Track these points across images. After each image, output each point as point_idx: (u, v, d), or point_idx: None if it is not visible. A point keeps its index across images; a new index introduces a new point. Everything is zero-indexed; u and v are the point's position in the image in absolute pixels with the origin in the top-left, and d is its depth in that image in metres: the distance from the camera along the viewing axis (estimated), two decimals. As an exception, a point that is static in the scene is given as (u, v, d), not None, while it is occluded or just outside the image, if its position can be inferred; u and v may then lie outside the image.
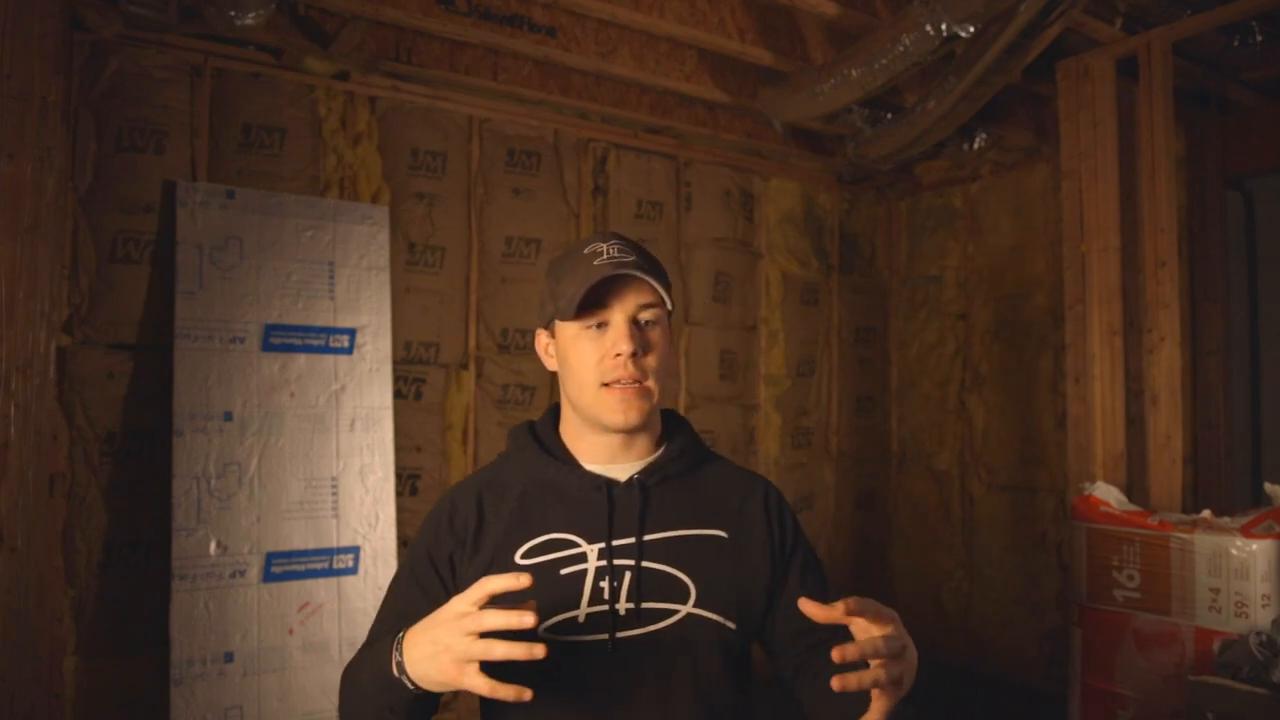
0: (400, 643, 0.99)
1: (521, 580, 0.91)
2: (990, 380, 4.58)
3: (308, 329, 3.16)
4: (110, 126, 2.94)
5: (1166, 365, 3.21)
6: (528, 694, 0.89)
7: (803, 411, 4.71)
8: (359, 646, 1.19)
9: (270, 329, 3.09)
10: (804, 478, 4.69)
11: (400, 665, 0.98)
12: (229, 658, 2.86)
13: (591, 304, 1.12)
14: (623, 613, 1.09)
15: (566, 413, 1.22)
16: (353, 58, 3.24)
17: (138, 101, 2.98)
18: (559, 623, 1.09)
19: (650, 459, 1.21)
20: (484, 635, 0.91)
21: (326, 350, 3.19)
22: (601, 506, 1.14)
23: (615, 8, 2.99)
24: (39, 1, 2.51)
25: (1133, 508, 3.04)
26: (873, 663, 0.92)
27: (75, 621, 2.80)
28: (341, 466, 3.16)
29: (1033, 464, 4.35)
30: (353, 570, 3.12)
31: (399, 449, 3.36)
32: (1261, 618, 2.59)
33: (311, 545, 3.06)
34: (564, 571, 1.11)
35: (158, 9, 2.80)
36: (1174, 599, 2.80)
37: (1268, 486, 2.80)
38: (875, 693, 0.93)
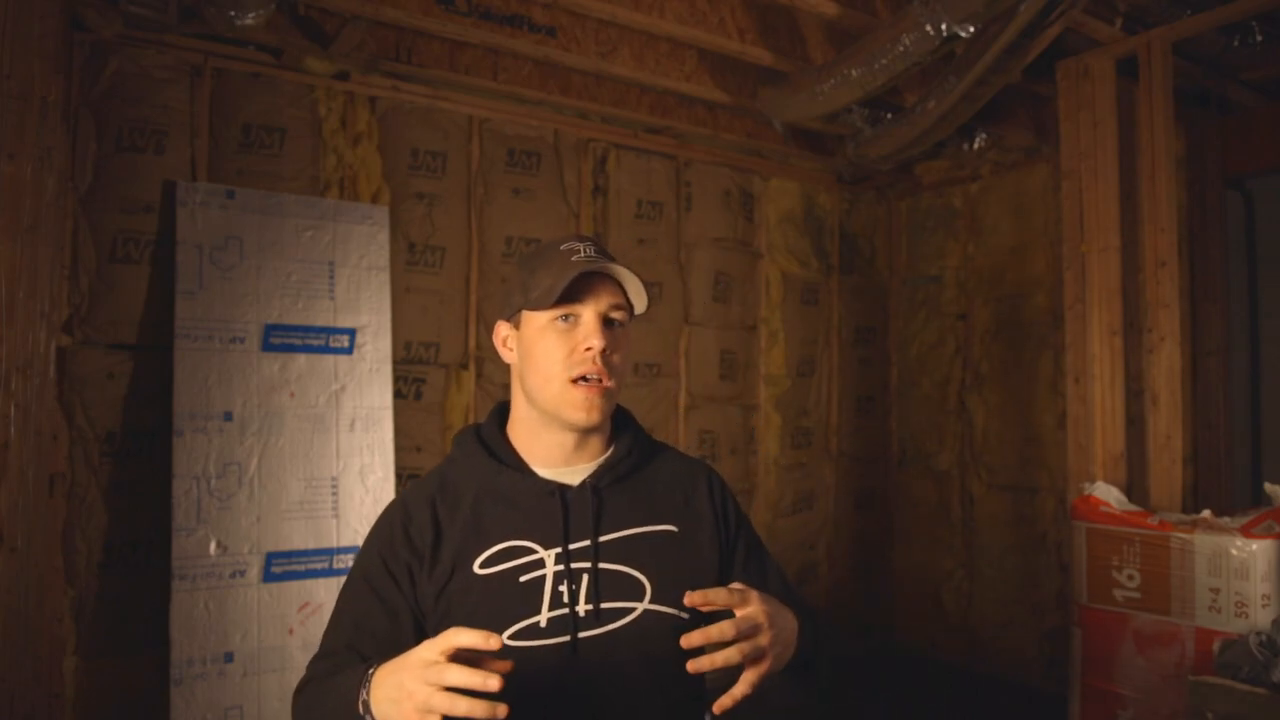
0: (369, 680, 0.97)
1: (491, 642, 0.90)
2: (990, 380, 4.58)
3: (308, 329, 3.16)
4: (110, 126, 2.93)
5: (1166, 365, 3.21)
6: (502, 710, 0.89)
7: (803, 411, 4.72)
8: (310, 660, 1.16)
9: (270, 329, 3.09)
10: (804, 478, 4.69)
11: (366, 704, 0.96)
12: (229, 658, 2.86)
13: (564, 298, 1.14)
14: (582, 614, 1.12)
15: (519, 412, 1.22)
16: (353, 58, 3.24)
17: (138, 101, 2.98)
18: (522, 629, 1.11)
19: (600, 460, 1.23)
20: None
21: (326, 350, 3.19)
22: (556, 512, 1.16)
23: (615, 8, 2.99)
24: (39, 1, 2.51)
25: (1133, 508, 3.04)
26: (732, 644, 0.99)
27: (75, 621, 2.80)
28: (341, 466, 3.16)
29: (1033, 464, 4.35)
30: (353, 570, 3.12)
31: (399, 449, 3.36)
32: (1261, 618, 2.59)
33: (311, 545, 3.06)
34: (523, 578, 1.13)
35: (158, 9, 2.80)
36: (1174, 599, 2.80)
37: (1268, 486, 2.80)
38: (745, 669, 1.02)
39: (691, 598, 1.00)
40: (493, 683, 0.88)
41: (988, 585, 4.52)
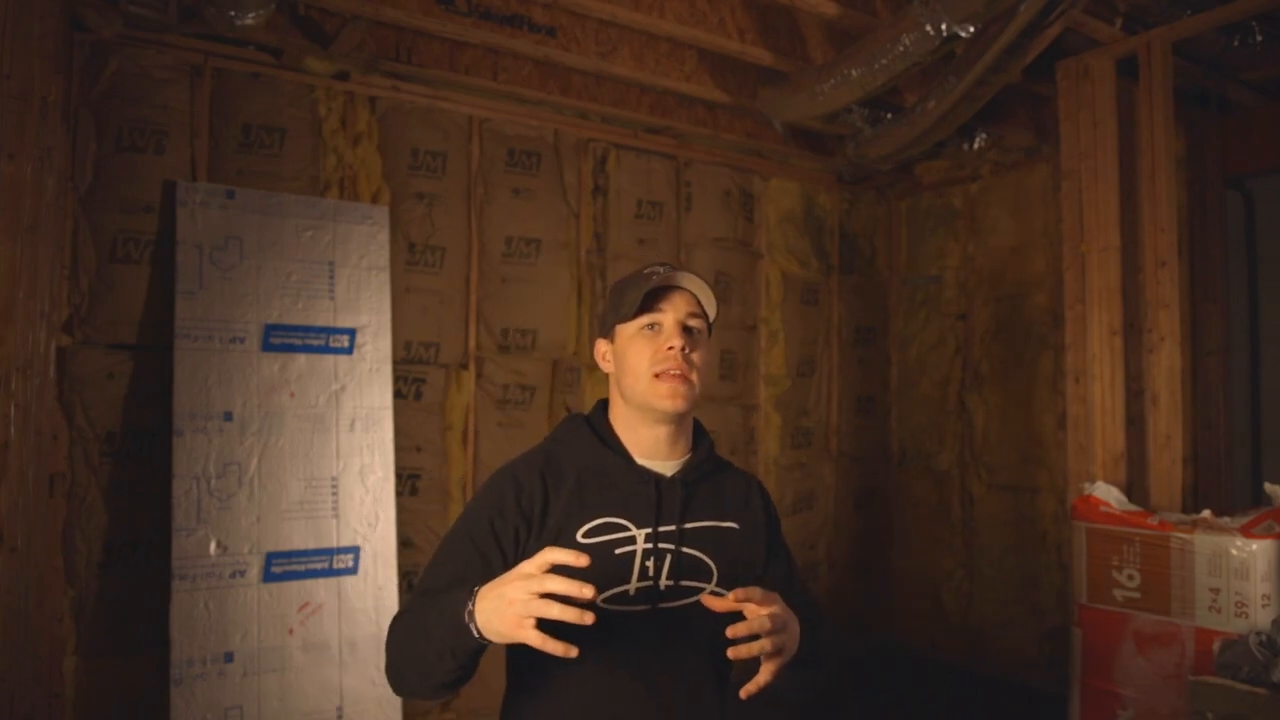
0: (474, 594, 1.12)
1: (581, 560, 1.07)
2: (990, 380, 4.58)
3: (308, 329, 3.16)
4: (110, 126, 2.94)
5: (1166, 365, 3.21)
6: (574, 651, 1.05)
7: (803, 411, 4.71)
8: (403, 610, 1.29)
9: (270, 329, 3.09)
10: (804, 478, 4.69)
11: (471, 614, 1.10)
12: (229, 658, 2.86)
13: (646, 308, 1.34)
14: (663, 588, 1.30)
15: (618, 409, 1.41)
16: (353, 58, 3.24)
17: (138, 101, 2.98)
18: (614, 595, 1.27)
19: (687, 458, 1.41)
20: (545, 597, 1.05)
21: (326, 350, 3.19)
22: (650, 498, 1.33)
23: (615, 8, 2.99)
24: (39, 1, 2.51)
25: (1133, 508, 3.04)
26: (762, 636, 1.15)
27: (75, 621, 2.80)
28: (341, 466, 3.16)
29: (1033, 464, 4.35)
30: (353, 570, 3.12)
31: (399, 449, 3.36)
32: (1261, 618, 2.59)
33: (311, 545, 3.06)
34: (618, 551, 1.30)
35: (158, 9, 2.81)
36: (1174, 599, 2.80)
37: (1268, 486, 2.80)
38: (764, 660, 1.17)
39: (736, 594, 1.16)
40: (587, 591, 1.04)
41: (988, 585, 4.52)
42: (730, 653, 1.16)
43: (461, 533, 1.32)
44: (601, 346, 1.45)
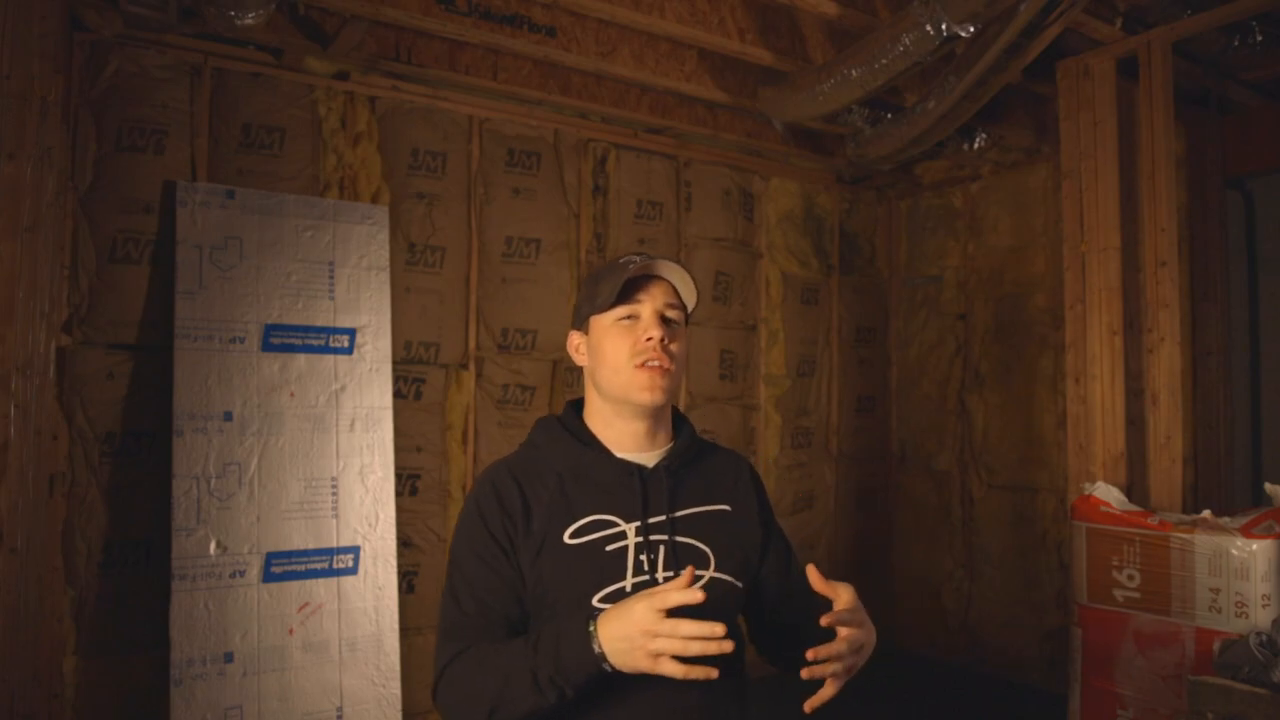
0: (594, 622, 1.13)
1: (696, 597, 1.08)
2: (990, 380, 4.58)
3: (308, 329, 3.16)
4: (110, 126, 2.94)
5: (1166, 365, 3.21)
6: (714, 673, 1.10)
7: (803, 411, 4.71)
8: (440, 638, 1.27)
9: (270, 329, 3.09)
10: (804, 478, 4.69)
11: (597, 640, 1.12)
12: (229, 658, 2.86)
13: (623, 299, 1.30)
14: (661, 580, 1.26)
15: (594, 404, 1.37)
16: (353, 58, 3.24)
17: (138, 101, 2.98)
18: (610, 593, 1.24)
19: (669, 447, 1.38)
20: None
21: (326, 350, 3.19)
22: (635, 490, 1.30)
23: (615, 8, 2.99)
24: (39, 1, 2.50)
25: (1133, 508, 3.04)
26: (835, 661, 1.17)
27: (75, 621, 2.80)
28: (341, 466, 3.16)
29: (1033, 464, 4.35)
30: (352, 570, 3.12)
31: (399, 449, 3.36)
32: (1261, 618, 2.59)
33: (311, 545, 3.06)
34: (609, 548, 1.26)
35: (158, 9, 2.80)
36: (1174, 599, 2.80)
37: (1268, 486, 2.80)
38: (831, 677, 1.18)
39: (826, 619, 1.17)
40: (719, 629, 1.07)
41: (988, 585, 4.51)
42: (804, 673, 1.17)
43: (465, 557, 1.29)
44: (575, 339, 1.40)
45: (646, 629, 1.08)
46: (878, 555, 4.95)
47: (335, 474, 3.14)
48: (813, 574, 1.19)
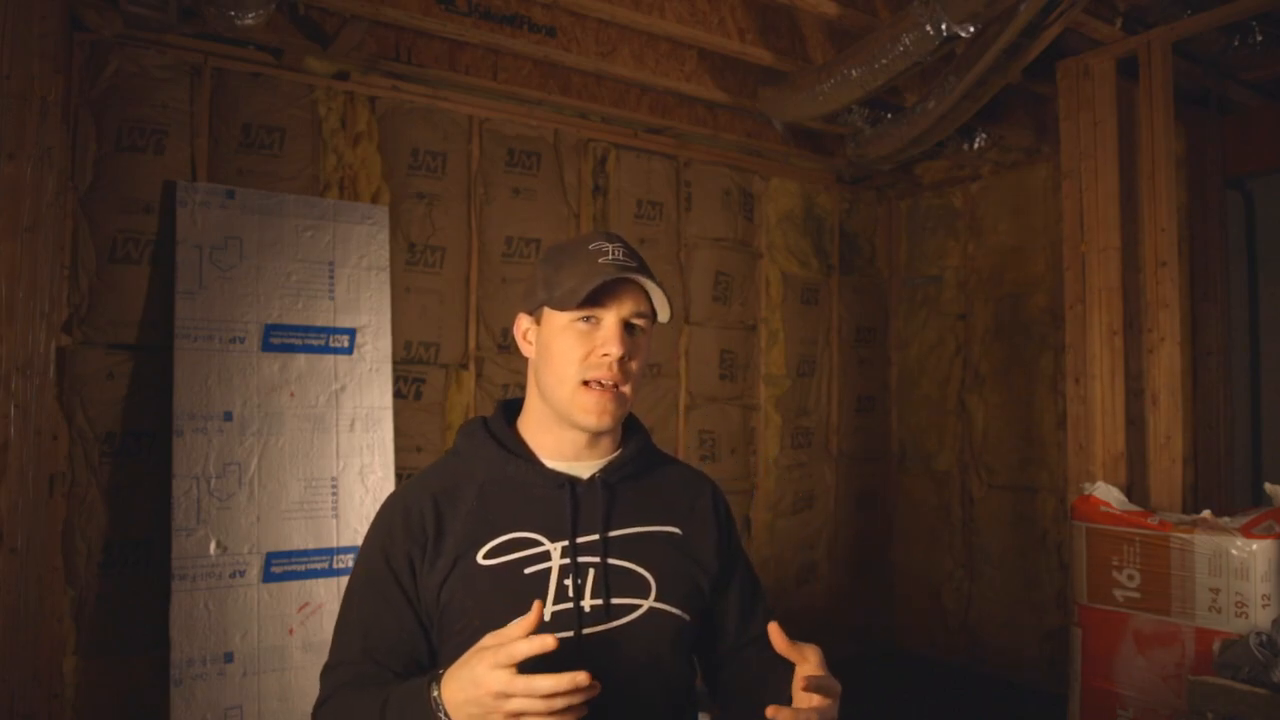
0: (438, 682, 0.97)
1: (548, 644, 0.92)
2: (990, 380, 4.58)
3: (308, 329, 3.16)
4: (110, 126, 2.94)
5: (1166, 365, 3.21)
6: (584, 678, 0.91)
7: (803, 411, 4.71)
8: (323, 669, 1.15)
9: (270, 329, 3.09)
10: (804, 478, 4.69)
11: (440, 705, 0.96)
12: (229, 658, 2.86)
13: (587, 301, 1.12)
14: (588, 609, 1.11)
15: (532, 405, 1.21)
16: (353, 58, 3.24)
17: (138, 101, 2.98)
18: None
19: (610, 457, 1.21)
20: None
21: (326, 350, 3.19)
22: (564, 505, 1.15)
23: (615, 8, 2.99)
24: (39, 1, 2.50)
25: (1133, 508, 3.04)
26: None
27: (75, 621, 2.80)
28: (341, 466, 3.16)
29: (1033, 464, 4.35)
30: (353, 570, 3.12)
31: (399, 449, 3.36)
32: (1261, 618, 2.59)
33: (311, 545, 3.06)
34: (528, 571, 1.11)
35: (158, 9, 2.80)
36: (1174, 599, 2.80)
37: (1268, 486, 2.80)
38: None
39: (800, 691, 1.00)
40: (581, 678, 0.90)
41: (988, 585, 4.51)
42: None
43: (360, 578, 1.15)
44: (523, 323, 1.22)
45: (497, 691, 0.91)
46: (877, 555, 4.95)
47: (335, 474, 3.14)
48: (775, 633, 1.03)
